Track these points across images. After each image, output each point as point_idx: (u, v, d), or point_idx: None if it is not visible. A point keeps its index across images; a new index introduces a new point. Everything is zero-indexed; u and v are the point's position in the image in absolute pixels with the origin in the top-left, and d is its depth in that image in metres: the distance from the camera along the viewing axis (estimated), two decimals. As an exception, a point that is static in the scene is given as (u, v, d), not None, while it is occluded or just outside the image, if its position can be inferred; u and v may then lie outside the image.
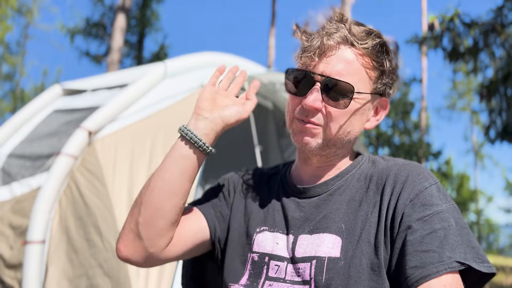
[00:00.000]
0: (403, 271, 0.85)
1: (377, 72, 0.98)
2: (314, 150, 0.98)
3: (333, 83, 0.93)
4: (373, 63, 0.96)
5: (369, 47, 0.95)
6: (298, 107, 0.98)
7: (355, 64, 0.95)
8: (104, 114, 2.85)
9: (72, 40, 16.47)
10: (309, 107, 0.94)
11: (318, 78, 0.94)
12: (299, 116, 0.97)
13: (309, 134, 0.97)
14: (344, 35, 0.95)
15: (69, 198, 2.62)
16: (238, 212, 1.11)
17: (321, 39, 0.95)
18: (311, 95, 0.94)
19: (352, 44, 0.95)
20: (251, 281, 0.98)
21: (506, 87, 6.41)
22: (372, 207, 0.94)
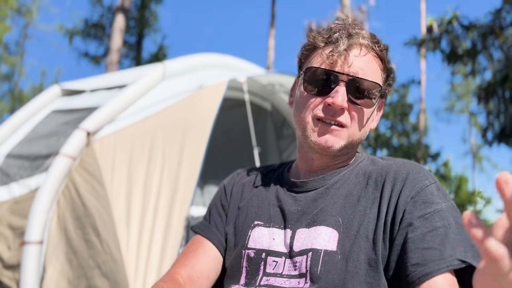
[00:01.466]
0: (404, 268, 0.85)
1: (385, 74, 1.02)
2: (335, 151, 0.98)
3: (359, 82, 0.95)
4: (384, 65, 1.01)
5: (382, 50, 0.99)
6: (320, 107, 0.97)
7: (374, 65, 0.98)
8: (103, 114, 2.85)
9: (71, 41, 16.45)
10: (338, 106, 0.93)
11: (345, 77, 0.95)
12: (324, 116, 0.96)
13: (334, 136, 0.96)
14: (365, 37, 0.97)
15: (67, 198, 2.61)
16: (232, 214, 1.10)
17: (346, 38, 0.96)
18: (338, 94, 0.94)
19: (371, 47, 0.98)
20: (248, 278, 0.98)
21: (504, 89, 6.42)
22: (371, 203, 0.94)
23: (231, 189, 1.15)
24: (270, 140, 4.51)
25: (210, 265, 1.05)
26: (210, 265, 1.05)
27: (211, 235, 1.08)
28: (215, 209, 1.14)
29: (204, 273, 1.03)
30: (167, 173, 2.69)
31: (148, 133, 2.81)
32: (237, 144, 4.39)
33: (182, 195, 2.65)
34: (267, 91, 4.10)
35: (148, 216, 2.55)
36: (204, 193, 4.71)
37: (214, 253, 1.06)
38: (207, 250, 1.06)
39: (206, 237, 1.08)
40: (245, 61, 4.22)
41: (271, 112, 4.39)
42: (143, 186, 2.62)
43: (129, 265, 2.37)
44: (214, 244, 1.07)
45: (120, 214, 2.49)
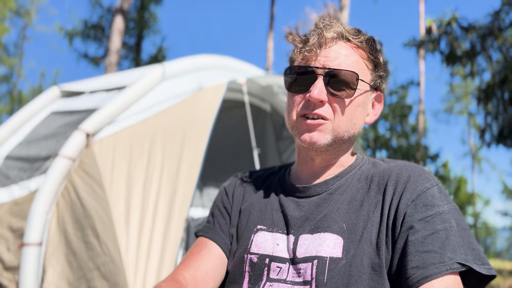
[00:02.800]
0: (404, 271, 0.85)
1: (372, 64, 1.02)
2: (322, 147, 0.97)
3: (336, 73, 0.95)
4: (368, 55, 1.00)
5: (362, 41, 0.99)
6: (301, 104, 0.98)
7: (353, 56, 0.98)
8: (102, 116, 2.84)
9: (70, 42, 16.46)
10: (315, 99, 0.94)
11: (320, 71, 0.95)
12: (304, 111, 0.97)
13: (317, 131, 0.96)
14: (339, 30, 0.98)
15: (66, 200, 2.61)
16: (234, 217, 1.10)
17: (318, 33, 0.97)
18: (315, 87, 0.94)
19: (347, 38, 0.98)
20: (251, 283, 0.97)
21: (503, 90, 6.42)
22: (373, 207, 0.94)
23: (232, 192, 1.14)
24: (269, 141, 4.51)
25: (215, 266, 1.03)
26: (215, 266, 1.03)
27: (216, 236, 1.07)
28: (218, 211, 1.13)
29: (209, 274, 1.02)
30: (167, 175, 2.69)
31: (148, 134, 2.80)
32: (237, 145, 4.38)
33: (182, 196, 2.64)
34: (267, 92, 4.09)
35: (147, 217, 2.55)
36: (203, 195, 4.70)
37: (219, 254, 1.05)
38: (212, 251, 1.05)
39: (211, 239, 1.07)
40: (244, 62, 4.21)
41: (270, 114, 4.38)
42: (143, 188, 2.62)
43: (129, 266, 2.37)
44: (219, 246, 1.06)
45: (120, 216, 2.48)
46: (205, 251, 1.05)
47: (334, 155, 1.02)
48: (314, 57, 0.97)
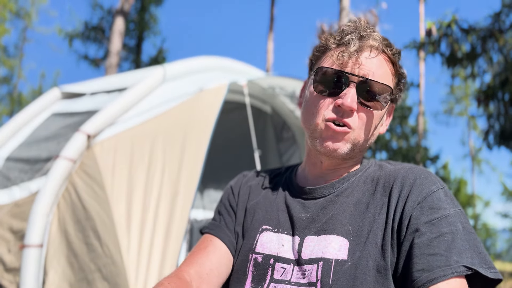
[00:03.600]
0: (410, 274, 0.84)
1: (397, 79, 1.01)
2: (340, 156, 0.97)
3: (370, 84, 0.94)
4: (396, 70, 1.00)
5: (395, 54, 0.99)
6: (329, 107, 0.96)
7: (385, 68, 0.97)
8: (103, 117, 2.85)
9: (70, 44, 16.46)
10: (347, 107, 0.92)
11: (355, 78, 0.94)
12: (331, 116, 0.94)
13: (340, 140, 0.95)
14: (377, 39, 0.96)
15: (67, 201, 2.61)
16: (240, 215, 1.10)
17: (359, 38, 0.95)
18: (348, 95, 0.93)
19: (382, 50, 0.97)
20: (255, 283, 0.97)
21: (504, 92, 6.43)
22: (379, 209, 0.93)
23: (238, 190, 1.14)
24: (270, 143, 4.51)
25: (220, 263, 1.02)
26: (220, 263, 1.02)
27: (221, 233, 1.07)
28: (224, 209, 1.13)
29: (214, 270, 1.00)
30: (168, 176, 2.69)
31: (149, 136, 2.80)
32: (237, 147, 4.38)
33: (183, 198, 2.64)
34: (267, 94, 4.10)
35: (148, 219, 2.54)
36: (204, 196, 4.70)
37: (225, 251, 1.04)
38: (217, 248, 1.04)
39: (217, 236, 1.06)
40: (245, 64, 4.22)
41: (271, 115, 4.39)
42: (144, 189, 2.62)
43: (130, 268, 2.36)
44: (224, 243, 1.05)
45: (121, 217, 2.48)
46: (210, 247, 1.04)
47: (344, 161, 1.02)
48: (351, 63, 0.95)
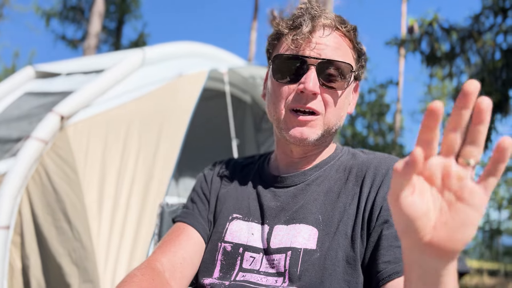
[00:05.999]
0: (376, 265, 0.84)
1: (356, 54, 0.99)
2: (311, 143, 0.94)
3: (330, 64, 0.91)
4: (354, 45, 0.98)
5: (349, 30, 0.96)
6: (292, 95, 0.93)
7: (342, 44, 0.95)
8: (78, 99, 2.77)
9: (47, 23, 16.02)
10: (310, 91, 0.90)
11: (313, 61, 0.91)
12: (296, 105, 0.92)
13: (308, 127, 0.93)
14: (329, 17, 0.94)
15: (37, 183, 2.53)
16: (212, 203, 1.07)
17: (311, 19, 0.93)
18: (309, 78, 0.90)
19: (335, 27, 0.95)
20: (223, 272, 0.95)
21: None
22: (350, 199, 0.92)
23: (211, 179, 1.12)
24: (248, 133, 4.49)
25: (194, 251, 0.99)
26: (194, 251, 0.99)
27: (194, 222, 1.04)
28: (197, 196, 1.10)
29: (187, 259, 0.97)
30: (142, 162, 2.64)
31: (125, 119, 2.74)
32: (215, 135, 4.35)
33: (157, 184, 2.60)
34: (248, 83, 4.06)
35: (121, 204, 2.50)
36: (179, 184, 4.65)
37: (198, 239, 1.01)
38: (190, 236, 1.01)
39: (190, 224, 1.04)
40: (227, 52, 4.17)
41: (251, 105, 4.36)
42: (117, 174, 2.57)
43: (100, 253, 2.32)
44: (198, 231, 1.02)
45: (92, 201, 2.43)
46: (183, 236, 1.01)
47: (315, 147, 1.00)
48: (306, 45, 0.92)
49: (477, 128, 0.49)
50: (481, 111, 0.48)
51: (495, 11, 6.47)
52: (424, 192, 0.52)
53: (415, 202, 0.50)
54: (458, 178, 0.51)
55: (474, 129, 0.49)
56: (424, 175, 0.52)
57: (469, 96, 0.49)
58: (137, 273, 0.90)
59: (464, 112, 0.49)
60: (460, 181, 0.51)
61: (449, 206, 0.51)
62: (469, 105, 0.49)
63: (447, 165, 0.51)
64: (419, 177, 0.52)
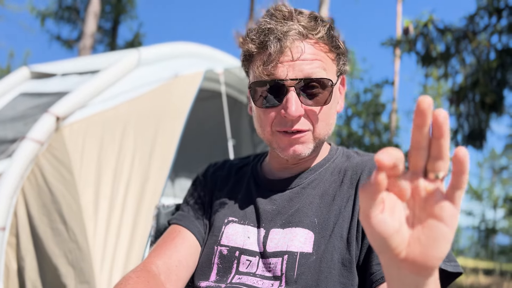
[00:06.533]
0: (369, 267, 0.85)
1: (335, 54, 0.95)
2: (304, 157, 0.95)
3: (307, 83, 0.89)
4: (329, 47, 0.93)
5: (322, 35, 0.92)
6: (277, 119, 0.92)
7: (318, 54, 0.91)
8: (74, 99, 2.76)
9: (42, 23, 15.95)
10: (292, 116, 0.88)
11: (290, 83, 0.88)
12: (282, 129, 0.91)
13: (299, 144, 0.92)
14: (298, 31, 0.89)
15: (33, 184, 2.52)
16: (208, 206, 1.07)
17: (276, 42, 0.88)
18: (291, 103, 0.88)
19: (306, 36, 0.90)
20: (220, 275, 0.95)
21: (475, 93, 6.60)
22: (345, 202, 0.93)
23: (207, 181, 1.12)
24: (244, 133, 4.49)
25: (189, 254, 0.99)
26: (189, 254, 0.99)
27: (190, 224, 1.04)
28: (193, 199, 1.10)
29: (183, 261, 0.97)
30: (138, 162, 2.64)
31: (120, 120, 2.74)
32: (211, 136, 4.35)
33: (153, 185, 2.60)
34: (244, 84, 4.06)
35: (116, 205, 2.49)
36: (175, 184, 4.65)
37: (193, 242, 1.01)
38: (186, 239, 1.01)
39: (185, 226, 1.03)
40: (222, 52, 4.17)
41: (246, 105, 4.36)
42: (113, 175, 2.56)
43: (96, 254, 2.32)
44: (193, 233, 1.02)
45: (88, 202, 2.42)
46: (178, 239, 1.01)
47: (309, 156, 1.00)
48: (279, 68, 0.89)
49: (439, 142, 0.49)
50: (439, 126, 0.48)
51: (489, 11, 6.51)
52: (394, 209, 0.52)
53: (386, 220, 0.50)
54: (427, 192, 0.51)
55: (436, 143, 0.49)
56: (394, 191, 0.52)
57: (424, 113, 0.48)
58: (132, 276, 0.90)
59: (424, 130, 0.49)
60: (429, 196, 0.51)
61: (421, 222, 0.51)
62: (426, 122, 0.49)
63: (415, 180, 0.51)
64: (389, 193, 0.52)
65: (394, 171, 0.50)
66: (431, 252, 0.51)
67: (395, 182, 0.51)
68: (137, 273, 0.91)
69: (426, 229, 0.51)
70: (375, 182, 0.48)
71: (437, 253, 0.51)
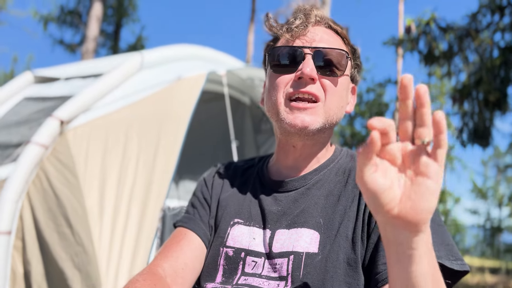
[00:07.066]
0: (375, 266, 0.85)
1: (350, 52, 1.02)
2: (313, 132, 0.94)
3: (325, 52, 0.95)
4: (346, 42, 1.02)
5: (342, 29, 1.01)
6: (289, 83, 0.95)
7: (335, 39, 1.00)
8: (77, 103, 2.77)
9: (45, 28, 16.01)
10: (307, 75, 0.92)
11: (308, 50, 0.94)
12: (294, 91, 0.94)
13: (309, 115, 0.93)
14: (321, 15, 1.00)
15: (38, 188, 2.54)
16: (213, 208, 1.08)
17: (304, 14, 0.98)
18: (306, 65, 0.93)
19: (328, 24, 1.00)
20: (226, 277, 0.95)
21: (478, 91, 6.58)
22: (350, 202, 0.93)
23: (212, 183, 1.12)
24: (248, 134, 4.49)
25: (195, 256, 1.00)
26: (195, 256, 1.00)
27: (195, 227, 1.04)
28: (198, 201, 1.10)
29: (189, 264, 0.98)
30: (142, 165, 2.64)
31: (124, 123, 2.75)
32: (214, 137, 4.35)
33: (158, 187, 2.60)
34: (247, 85, 4.07)
35: (121, 208, 2.50)
36: (180, 187, 4.66)
37: (199, 244, 1.02)
38: (192, 241, 1.01)
39: (191, 229, 1.04)
40: (225, 54, 4.17)
41: (249, 107, 4.36)
42: (118, 178, 2.57)
43: (101, 257, 2.32)
44: (199, 236, 1.03)
45: (93, 206, 2.43)
46: (184, 241, 1.01)
47: (315, 143, 1.00)
48: (301, 37, 0.96)
49: (421, 111, 0.57)
50: (420, 96, 0.56)
51: (492, 9, 6.49)
52: (386, 171, 0.59)
53: (378, 178, 0.58)
54: (414, 155, 0.59)
55: (419, 112, 0.57)
56: (386, 158, 0.60)
57: (407, 88, 0.57)
58: (139, 279, 0.90)
59: (407, 102, 0.58)
60: (417, 158, 0.58)
61: (411, 181, 0.59)
62: (409, 95, 0.57)
63: (405, 147, 0.59)
64: (382, 160, 0.59)
65: (386, 139, 0.58)
66: (420, 205, 0.58)
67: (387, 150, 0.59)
68: (143, 276, 0.91)
69: (415, 186, 0.58)
70: (370, 140, 0.55)
71: (425, 205, 0.58)
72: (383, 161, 0.59)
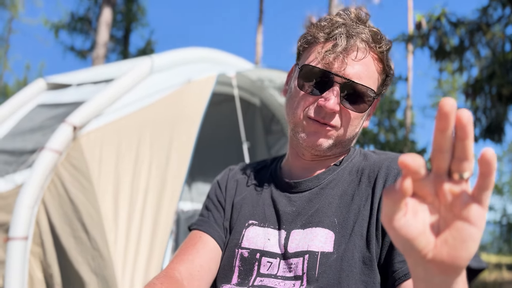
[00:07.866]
0: (392, 265, 0.85)
1: (384, 76, 1.00)
2: (322, 150, 0.97)
3: (353, 87, 0.93)
4: (383, 68, 0.99)
5: (383, 52, 0.97)
6: (312, 107, 0.95)
7: (371, 68, 0.96)
8: (90, 108, 2.80)
9: (56, 35, 16.20)
10: (330, 110, 0.92)
11: (339, 79, 0.93)
12: (315, 117, 0.95)
13: (323, 136, 0.96)
14: (366, 38, 0.94)
15: (53, 194, 2.57)
16: (227, 210, 1.08)
17: (347, 37, 0.93)
18: (331, 97, 0.92)
19: (370, 47, 0.95)
20: (241, 278, 0.96)
21: (491, 86, 6.49)
22: (364, 201, 0.93)
23: (225, 185, 1.13)
24: (258, 135, 4.49)
25: (210, 259, 1.01)
26: (210, 259, 1.01)
27: (210, 229, 1.05)
28: (212, 204, 1.11)
29: (205, 266, 0.99)
30: (155, 169, 2.66)
31: (136, 127, 2.77)
32: (225, 139, 4.36)
33: (171, 190, 2.62)
34: (256, 86, 4.07)
35: (136, 211, 2.52)
36: (192, 189, 4.68)
37: (214, 247, 1.03)
38: (207, 244, 1.03)
39: (206, 232, 1.05)
40: (234, 56, 4.18)
41: (260, 108, 4.37)
42: (131, 182, 2.59)
43: (117, 261, 2.34)
44: (214, 238, 1.04)
45: (108, 210, 2.45)
46: (199, 244, 1.02)
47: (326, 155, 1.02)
48: (336, 64, 0.93)
49: (463, 144, 0.47)
50: (463, 127, 0.47)
51: (503, 2, 6.40)
52: (418, 211, 0.51)
53: (409, 222, 0.50)
54: (452, 194, 0.50)
55: (460, 144, 0.48)
56: (417, 194, 0.51)
57: (447, 117, 0.47)
58: (156, 282, 0.91)
59: (446, 133, 0.48)
60: (455, 197, 0.50)
61: (448, 224, 0.51)
62: (450, 126, 0.47)
63: (440, 182, 0.50)
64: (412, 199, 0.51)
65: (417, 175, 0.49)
66: (459, 253, 0.50)
67: (418, 185, 0.50)
68: (160, 279, 0.92)
69: (454, 231, 0.50)
70: (401, 188, 0.48)
71: (465, 254, 0.50)
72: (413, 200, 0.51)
